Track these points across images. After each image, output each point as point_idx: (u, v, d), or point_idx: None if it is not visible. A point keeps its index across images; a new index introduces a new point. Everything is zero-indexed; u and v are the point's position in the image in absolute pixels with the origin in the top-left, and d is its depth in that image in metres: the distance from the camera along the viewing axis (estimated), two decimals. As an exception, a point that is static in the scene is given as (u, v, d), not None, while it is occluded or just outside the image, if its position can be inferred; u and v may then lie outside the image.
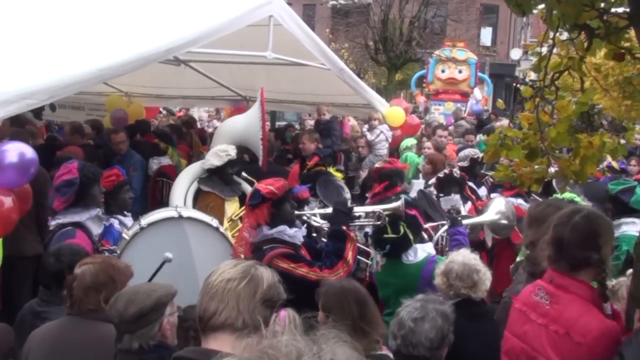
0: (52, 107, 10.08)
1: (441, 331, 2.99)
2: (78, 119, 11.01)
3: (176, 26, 6.55)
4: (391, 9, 24.19)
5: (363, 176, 8.92)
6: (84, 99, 11.66)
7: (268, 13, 7.32)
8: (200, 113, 18.71)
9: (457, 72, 23.67)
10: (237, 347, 2.14)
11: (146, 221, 4.79)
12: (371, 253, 5.25)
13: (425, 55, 25.11)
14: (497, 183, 7.42)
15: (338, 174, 7.46)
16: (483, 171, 8.07)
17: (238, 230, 5.53)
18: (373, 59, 25.13)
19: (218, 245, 4.59)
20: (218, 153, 6.45)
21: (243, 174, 6.62)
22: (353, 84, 9.43)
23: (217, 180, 6.44)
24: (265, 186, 4.43)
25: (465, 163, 7.65)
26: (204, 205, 6.17)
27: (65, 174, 4.87)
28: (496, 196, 6.47)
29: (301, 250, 4.51)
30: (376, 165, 6.96)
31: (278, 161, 8.79)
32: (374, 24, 24.82)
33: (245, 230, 4.49)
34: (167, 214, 4.81)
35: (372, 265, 5.23)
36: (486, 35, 38.34)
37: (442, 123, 14.11)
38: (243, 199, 6.34)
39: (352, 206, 4.84)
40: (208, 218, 4.83)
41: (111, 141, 8.53)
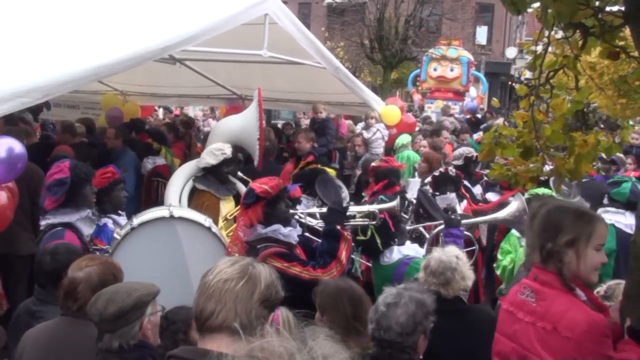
0: (47, 106, 10.04)
1: (413, 317, 3.01)
2: (73, 118, 11.00)
3: (171, 24, 6.54)
4: (387, 8, 24.17)
5: (359, 174, 8.92)
6: (79, 98, 11.65)
7: (263, 11, 7.33)
8: (195, 112, 18.70)
9: (449, 71, 23.75)
10: (234, 349, 2.12)
11: (138, 221, 4.73)
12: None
13: (420, 53, 25.13)
14: (492, 182, 7.45)
15: (331, 171, 7.45)
16: (479, 170, 8.06)
17: (233, 229, 5.53)
18: (369, 58, 25.11)
19: (210, 245, 4.55)
20: (214, 152, 6.42)
21: (238, 174, 6.61)
22: (349, 83, 9.44)
23: (213, 179, 6.41)
24: (259, 185, 4.42)
25: (459, 162, 7.66)
26: (199, 204, 6.14)
27: (56, 173, 4.80)
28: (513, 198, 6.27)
29: (296, 249, 4.49)
30: (372, 164, 6.96)
31: (275, 160, 8.79)
32: (370, 23, 24.80)
33: (239, 229, 4.48)
34: (159, 214, 4.76)
35: (356, 265, 5.41)
36: (482, 33, 38.45)
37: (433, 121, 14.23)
38: (238, 199, 6.36)
39: (347, 206, 4.83)
40: (201, 218, 4.78)
41: (105, 135, 8.70)
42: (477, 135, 11.99)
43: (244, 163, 7.98)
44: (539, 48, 3.39)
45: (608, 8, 3.19)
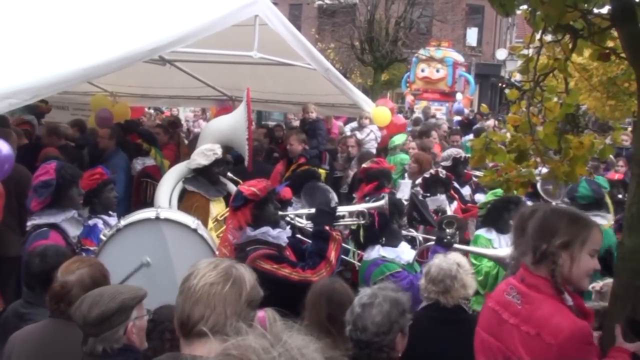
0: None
1: (388, 316, 3.00)
2: (63, 119, 10.95)
3: (161, 25, 6.52)
4: (377, 9, 24.16)
5: (352, 175, 8.91)
6: (69, 99, 11.59)
7: (254, 13, 7.31)
8: (185, 113, 18.61)
9: (435, 72, 23.84)
10: (209, 350, 2.14)
11: (124, 222, 4.71)
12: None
13: (411, 55, 25.18)
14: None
15: (321, 171, 7.43)
16: (468, 171, 8.04)
17: (223, 230, 5.51)
18: (359, 59, 25.05)
19: (196, 247, 4.50)
20: (205, 152, 6.40)
21: (229, 174, 6.59)
22: (339, 84, 9.44)
23: (203, 180, 6.38)
24: (247, 188, 4.40)
25: (448, 163, 7.66)
26: (189, 205, 6.11)
27: (42, 175, 4.80)
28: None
29: (285, 251, 4.49)
30: (363, 165, 6.96)
31: (266, 160, 8.76)
32: (360, 24, 24.79)
33: (228, 232, 4.47)
34: (145, 215, 4.72)
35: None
36: (472, 35, 38.59)
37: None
38: (228, 199, 6.34)
39: (336, 206, 4.81)
40: (188, 220, 4.73)
41: (99, 135, 8.71)
42: (469, 137, 12.02)
43: (233, 164, 7.95)
44: (531, 51, 3.39)
45: (596, 10, 3.20)
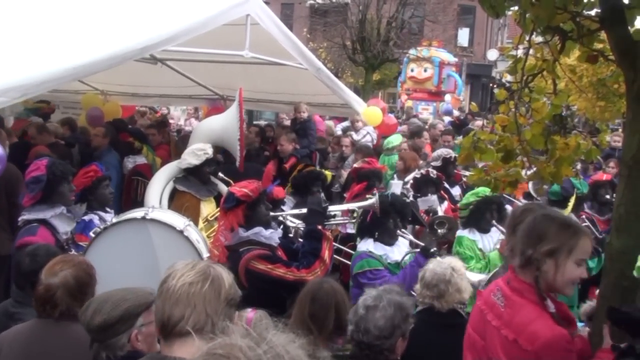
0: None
1: (391, 321, 3.00)
2: (53, 118, 10.91)
3: (152, 24, 6.51)
4: (369, 9, 24.19)
5: (345, 175, 8.90)
6: (59, 97, 11.52)
7: (245, 12, 7.32)
8: (174, 112, 18.48)
9: (423, 71, 23.88)
10: (193, 352, 2.13)
11: (113, 220, 4.72)
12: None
13: (402, 55, 25.22)
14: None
15: (328, 173, 7.41)
16: (458, 171, 8.06)
17: (214, 231, 5.50)
18: (351, 59, 25.06)
19: (182, 249, 4.49)
20: (195, 152, 6.39)
21: (220, 174, 6.58)
22: (330, 84, 9.45)
23: (194, 179, 6.37)
24: (239, 189, 4.41)
25: (437, 163, 7.66)
26: (179, 205, 6.09)
27: (33, 171, 4.86)
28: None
29: (277, 251, 4.49)
30: (354, 165, 6.97)
31: (255, 160, 8.74)
32: (352, 24, 24.79)
33: (220, 233, 4.47)
34: (132, 215, 4.71)
35: None
36: (463, 36, 38.62)
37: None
38: (219, 199, 6.32)
39: (327, 205, 4.82)
40: (175, 220, 4.69)
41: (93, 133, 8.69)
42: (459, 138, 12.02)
43: (223, 164, 7.94)
44: (520, 52, 3.41)
45: (585, 12, 3.22)
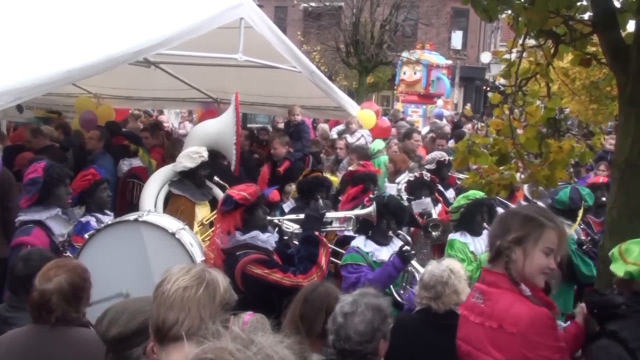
0: (20, 109, 9.89)
1: (371, 324, 2.97)
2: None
3: (146, 28, 6.48)
4: (362, 12, 24.26)
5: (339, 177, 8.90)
6: (52, 101, 11.48)
7: (239, 15, 7.31)
8: (168, 115, 18.44)
9: (413, 74, 23.91)
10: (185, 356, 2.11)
11: (107, 223, 4.77)
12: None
13: (396, 58, 25.24)
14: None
15: (334, 179, 7.39)
16: (452, 174, 8.06)
17: (208, 235, 5.50)
18: (344, 62, 25.13)
19: (174, 252, 4.45)
20: (190, 155, 6.37)
21: (215, 178, 6.57)
22: (324, 87, 9.45)
23: (189, 183, 6.35)
24: (237, 192, 4.39)
25: (432, 166, 7.66)
26: (175, 208, 6.08)
27: (31, 173, 4.97)
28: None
29: (273, 255, 4.48)
30: (349, 168, 6.95)
31: (245, 163, 8.74)
32: (345, 27, 24.86)
33: (216, 236, 4.45)
34: (126, 217, 4.73)
35: None
36: (457, 38, 38.57)
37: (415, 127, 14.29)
38: (214, 203, 6.32)
39: (324, 212, 4.80)
40: (169, 224, 4.68)
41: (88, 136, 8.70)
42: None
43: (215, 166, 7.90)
44: (513, 56, 3.43)
45: (578, 16, 3.24)
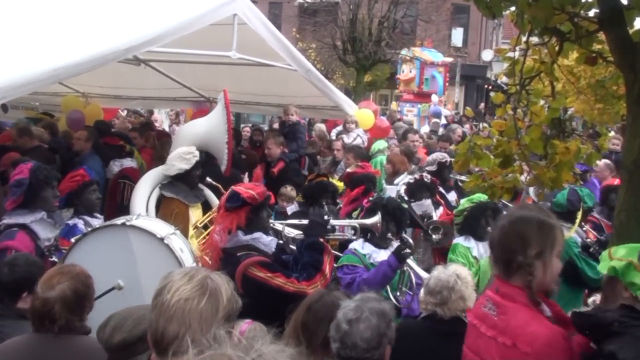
0: (4, 108, 9.76)
1: (377, 330, 2.91)
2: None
3: (136, 24, 6.45)
4: (360, 9, 24.12)
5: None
6: (38, 100, 11.41)
7: (232, 11, 7.29)
8: (158, 115, 18.28)
9: (409, 72, 24.01)
10: None
11: (95, 226, 4.74)
12: None
13: (394, 56, 25.14)
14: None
15: (339, 184, 7.28)
16: (452, 176, 7.94)
17: (203, 238, 5.36)
18: (341, 60, 24.98)
19: (163, 257, 4.40)
20: (183, 156, 6.23)
21: (207, 179, 6.43)
22: (320, 86, 9.39)
23: (182, 185, 6.23)
24: (245, 190, 4.28)
25: (433, 167, 7.56)
26: (168, 212, 5.97)
27: (17, 174, 4.90)
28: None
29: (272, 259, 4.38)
30: (347, 170, 6.87)
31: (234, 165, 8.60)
32: (342, 24, 24.72)
33: (215, 234, 4.34)
34: (114, 221, 4.68)
35: None
36: (457, 36, 38.38)
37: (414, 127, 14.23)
38: (205, 206, 6.29)
39: (329, 218, 4.72)
40: (158, 228, 4.60)
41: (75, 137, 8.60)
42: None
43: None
44: (517, 54, 3.34)
45: (583, 13, 3.16)
